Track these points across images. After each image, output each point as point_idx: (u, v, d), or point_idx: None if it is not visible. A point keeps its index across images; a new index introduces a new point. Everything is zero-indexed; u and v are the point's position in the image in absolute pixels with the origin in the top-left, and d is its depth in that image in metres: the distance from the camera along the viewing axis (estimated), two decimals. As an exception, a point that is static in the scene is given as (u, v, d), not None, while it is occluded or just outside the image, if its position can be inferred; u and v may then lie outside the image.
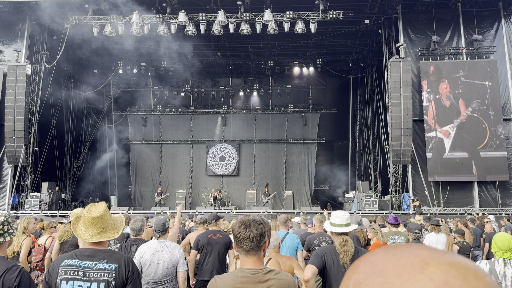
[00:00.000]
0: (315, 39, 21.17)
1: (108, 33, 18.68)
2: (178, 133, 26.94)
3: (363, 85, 25.29)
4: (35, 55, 19.99)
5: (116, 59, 24.10)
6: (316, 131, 26.49)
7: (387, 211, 17.48)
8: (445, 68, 18.75)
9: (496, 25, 19.23)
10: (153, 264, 4.09)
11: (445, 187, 18.24)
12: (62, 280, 2.39)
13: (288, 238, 5.61)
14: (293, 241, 5.63)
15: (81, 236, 2.53)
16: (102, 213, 2.56)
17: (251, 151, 26.57)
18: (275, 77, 26.02)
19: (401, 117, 17.88)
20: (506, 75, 18.89)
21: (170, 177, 26.31)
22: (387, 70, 18.71)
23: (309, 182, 25.98)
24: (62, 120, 22.95)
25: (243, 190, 24.02)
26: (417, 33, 19.30)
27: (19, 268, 2.62)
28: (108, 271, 2.40)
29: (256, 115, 26.81)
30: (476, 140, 18.10)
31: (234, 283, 2.14)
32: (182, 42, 20.59)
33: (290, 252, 5.54)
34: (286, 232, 5.74)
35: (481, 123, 18.16)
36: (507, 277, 3.51)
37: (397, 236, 7.19)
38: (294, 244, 5.62)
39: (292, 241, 5.62)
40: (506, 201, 18.02)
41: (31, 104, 19.42)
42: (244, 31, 18.52)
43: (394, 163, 18.66)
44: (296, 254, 5.61)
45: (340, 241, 3.27)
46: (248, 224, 2.19)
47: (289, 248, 5.56)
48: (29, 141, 19.14)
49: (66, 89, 22.73)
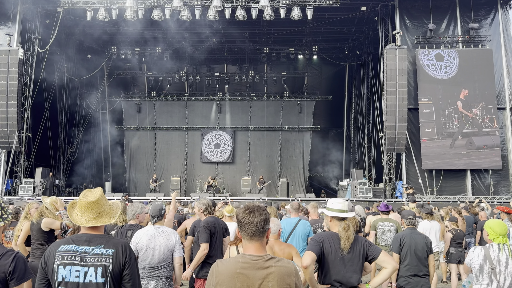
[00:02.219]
0: (311, 25, 21.01)
1: (101, 18, 18.40)
2: (173, 120, 26.82)
3: (358, 73, 25.24)
4: (28, 39, 19.68)
5: (109, 44, 23.84)
6: (311, 119, 26.48)
7: (380, 199, 17.61)
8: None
9: (492, 14, 19.18)
10: (150, 250, 4.09)
11: (439, 175, 18.39)
12: (59, 266, 2.38)
13: (301, 225, 5.59)
14: (305, 227, 5.61)
15: (77, 221, 2.51)
16: (98, 198, 2.54)
17: (246, 138, 26.54)
18: (271, 64, 25.86)
19: (396, 105, 17.90)
20: (501, 64, 18.92)
21: (164, 163, 26.26)
22: (383, 58, 18.66)
23: (303, 169, 26.05)
24: (55, 105, 22.74)
25: (238, 177, 24.08)
26: (413, 20, 19.21)
27: (14, 253, 2.60)
28: (106, 256, 2.39)
29: (252, 102, 26.72)
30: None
31: (235, 268, 2.14)
32: (176, 28, 20.36)
33: (302, 239, 5.51)
34: (299, 219, 5.73)
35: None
36: (501, 262, 3.56)
37: (386, 223, 7.27)
38: (306, 230, 5.60)
39: (304, 228, 5.60)
40: (498, 189, 18.22)
41: (24, 89, 19.19)
42: (239, 17, 18.33)
43: (388, 151, 18.74)
44: (307, 240, 5.60)
45: (344, 226, 3.28)
46: (252, 210, 2.24)
47: (302, 235, 5.53)
48: (22, 127, 18.97)
49: (59, 74, 22.45)
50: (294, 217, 5.80)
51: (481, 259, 3.64)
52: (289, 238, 5.52)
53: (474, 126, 18.28)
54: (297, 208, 6.02)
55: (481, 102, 18.33)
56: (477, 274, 3.67)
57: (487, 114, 18.27)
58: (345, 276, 3.22)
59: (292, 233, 5.51)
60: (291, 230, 5.51)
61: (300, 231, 5.56)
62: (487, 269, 3.59)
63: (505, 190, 18.21)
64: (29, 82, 19.37)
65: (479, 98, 18.37)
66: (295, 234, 5.51)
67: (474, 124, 18.28)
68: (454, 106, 18.43)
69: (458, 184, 18.42)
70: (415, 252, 4.90)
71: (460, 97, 18.44)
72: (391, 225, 7.20)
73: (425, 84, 18.64)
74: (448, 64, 18.66)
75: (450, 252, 7.91)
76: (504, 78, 18.86)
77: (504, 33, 19.06)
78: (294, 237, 5.48)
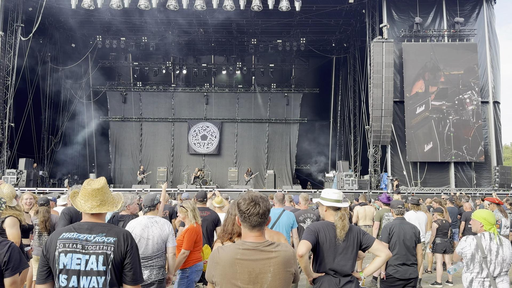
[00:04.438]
0: (299, 17, 20.98)
1: (86, 6, 18.06)
2: (159, 111, 26.57)
3: (345, 65, 25.36)
4: (10, 27, 19.19)
5: (94, 33, 23.41)
6: (298, 111, 26.57)
7: (365, 190, 17.83)
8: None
9: (477, 9, 19.47)
10: (143, 240, 4.08)
11: (423, 167, 18.71)
12: (60, 253, 2.37)
13: (285, 216, 5.66)
14: (289, 218, 5.69)
15: (80, 208, 2.51)
16: (102, 185, 2.55)
17: (233, 130, 26.50)
18: (258, 56, 25.78)
19: (382, 98, 18.08)
20: (485, 59, 19.24)
21: (150, 155, 26.07)
22: (370, 51, 18.78)
23: (290, 161, 26.18)
24: (38, 95, 22.30)
25: (225, 169, 24.06)
26: (400, 13, 19.36)
27: (9, 243, 2.57)
28: (107, 244, 2.39)
29: (239, 94, 26.64)
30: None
31: (235, 254, 2.17)
32: (163, 17, 20.10)
33: (286, 229, 5.59)
34: (282, 210, 5.78)
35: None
36: (492, 251, 3.66)
37: (391, 213, 7.36)
38: (290, 221, 5.68)
39: (288, 219, 5.68)
40: (480, 181, 18.63)
41: (6, 78, 18.76)
42: (227, 7, 18.20)
43: (374, 144, 18.95)
44: (291, 231, 5.67)
45: (340, 215, 3.33)
46: (257, 201, 2.24)
47: (285, 226, 5.62)
48: (5, 116, 18.59)
49: (42, 63, 22.00)
50: (278, 208, 5.84)
51: (473, 248, 3.73)
52: (273, 228, 5.56)
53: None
54: (281, 199, 6.05)
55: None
56: (468, 262, 3.77)
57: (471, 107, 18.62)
58: (340, 264, 3.27)
59: (276, 224, 5.56)
60: (274, 220, 5.57)
61: (283, 221, 5.62)
62: (479, 258, 3.68)
63: (487, 182, 18.65)
64: (11, 71, 18.94)
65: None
66: (278, 225, 5.58)
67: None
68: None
69: (441, 176, 18.78)
70: (403, 241, 5.00)
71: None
72: None
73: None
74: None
75: (436, 242, 8.08)
76: (488, 73, 19.21)
77: (489, 27, 19.37)
78: (278, 228, 5.54)
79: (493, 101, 19.14)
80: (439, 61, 18.90)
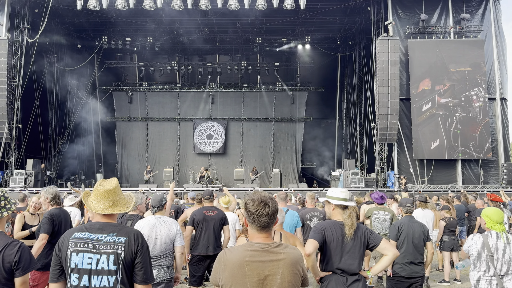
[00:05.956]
0: (304, 15, 20.93)
1: (92, 7, 18.12)
2: (165, 111, 26.66)
3: (351, 63, 25.26)
4: (17, 28, 19.34)
5: (100, 34, 23.53)
6: (303, 109, 26.53)
7: (372, 189, 17.78)
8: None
9: (484, 5, 19.30)
10: (151, 239, 4.11)
11: (430, 165, 18.60)
12: (72, 252, 2.42)
13: (288, 215, 5.67)
14: (293, 218, 5.71)
15: (93, 209, 2.55)
16: (114, 186, 2.59)
17: (238, 129, 26.52)
18: (263, 55, 25.76)
19: (388, 96, 18.00)
20: (492, 55, 19.09)
21: (157, 154, 26.17)
22: (375, 48, 18.70)
23: (296, 160, 26.16)
24: (45, 96, 22.47)
25: (231, 168, 24.11)
26: (405, 10, 19.25)
27: (19, 243, 2.61)
28: (118, 244, 2.42)
29: (244, 93, 26.65)
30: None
31: (244, 256, 2.16)
32: (168, 17, 20.14)
33: (290, 229, 5.62)
34: (286, 209, 5.79)
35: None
36: (499, 249, 3.63)
37: (381, 211, 7.25)
38: (294, 221, 5.70)
39: (292, 218, 5.70)
40: (488, 178, 18.50)
41: (14, 79, 18.91)
42: (232, 6, 18.19)
43: (380, 141, 18.88)
44: (295, 230, 5.68)
45: (349, 214, 3.34)
46: (266, 202, 2.22)
47: (289, 225, 5.64)
48: (12, 118, 18.74)
49: (49, 64, 22.14)
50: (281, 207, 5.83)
51: (479, 247, 3.70)
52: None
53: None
54: (284, 198, 6.04)
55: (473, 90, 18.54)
56: (475, 261, 3.74)
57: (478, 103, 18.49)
58: (347, 263, 3.27)
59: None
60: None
61: (287, 221, 5.63)
62: (485, 256, 3.65)
63: (494, 179, 18.51)
64: (18, 72, 19.09)
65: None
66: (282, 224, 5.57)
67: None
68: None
69: (448, 173, 18.67)
70: (412, 240, 4.99)
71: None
72: (386, 214, 7.22)
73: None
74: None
75: (443, 240, 8.05)
76: (495, 69, 19.06)
77: (495, 24, 19.20)
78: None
79: (500, 98, 18.99)
80: (445, 58, 18.77)
